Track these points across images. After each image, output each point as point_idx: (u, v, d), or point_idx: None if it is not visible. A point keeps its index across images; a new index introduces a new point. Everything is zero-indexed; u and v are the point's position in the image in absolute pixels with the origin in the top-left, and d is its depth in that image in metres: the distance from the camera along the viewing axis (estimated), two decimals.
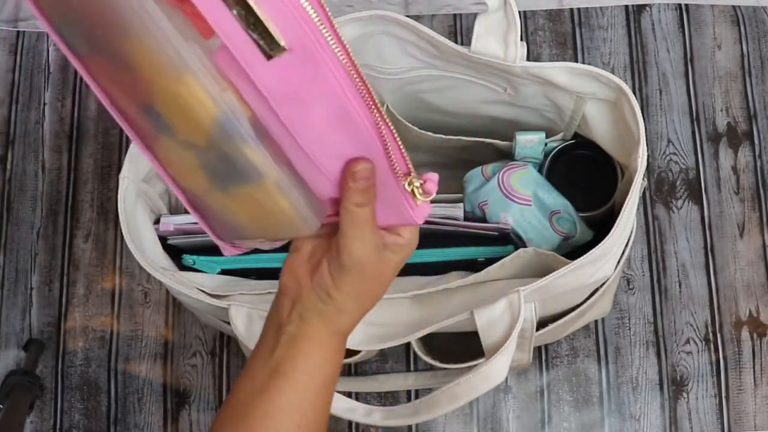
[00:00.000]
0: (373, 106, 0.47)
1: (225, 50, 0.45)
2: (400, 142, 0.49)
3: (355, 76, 0.46)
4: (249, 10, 0.42)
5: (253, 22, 0.43)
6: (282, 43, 0.43)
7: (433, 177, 0.51)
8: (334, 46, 0.44)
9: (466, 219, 0.78)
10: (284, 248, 0.76)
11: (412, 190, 0.50)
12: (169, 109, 0.49)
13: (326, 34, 0.44)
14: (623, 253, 0.72)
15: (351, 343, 0.70)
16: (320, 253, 0.55)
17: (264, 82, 0.46)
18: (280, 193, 0.50)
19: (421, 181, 0.50)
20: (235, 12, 0.43)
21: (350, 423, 0.91)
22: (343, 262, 0.52)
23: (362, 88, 0.46)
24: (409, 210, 0.51)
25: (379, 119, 0.48)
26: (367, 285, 0.54)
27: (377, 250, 0.52)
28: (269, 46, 0.44)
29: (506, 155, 0.83)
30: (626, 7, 1.02)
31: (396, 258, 0.54)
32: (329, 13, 0.44)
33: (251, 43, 0.44)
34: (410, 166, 0.50)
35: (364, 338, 0.71)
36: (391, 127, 0.49)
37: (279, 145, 0.49)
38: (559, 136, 0.81)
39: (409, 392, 0.92)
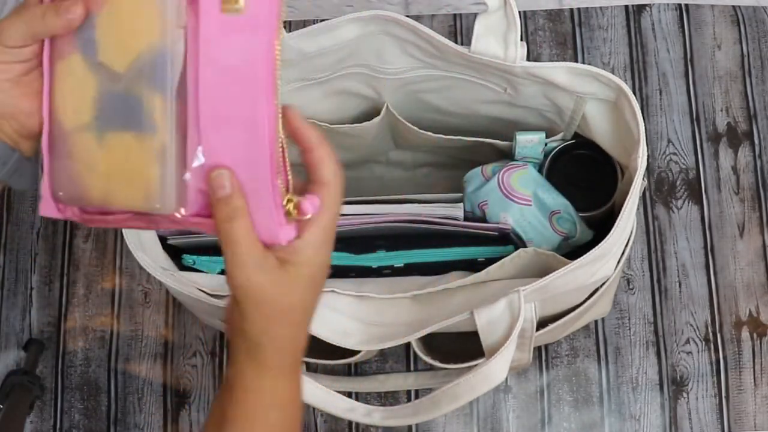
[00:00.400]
0: (278, 110, 0.46)
1: None
2: (287, 156, 0.48)
3: (278, 72, 0.45)
4: None
5: None
6: (241, 3, 0.44)
7: (313, 199, 0.48)
8: (277, 35, 0.44)
9: (466, 219, 0.78)
10: None
11: (288, 210, 0.47)
12: (110, 22, 0.47)
13: (280, 21, 0.45)
14: (623, 253, 0.72)
15: (351, 343, 0.70)
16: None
17: (206, 33, 0.45)
18: (157, 159, 0.46)
19: (298, 199, 0.47)
20: None
21: (350, 423, 0.91)
22: (234, 292, 0.47)
23: (277, 85, 0.45)
24: (277, 227, 0.47)
25: (279, 126, 0.46)
26: (273, 311, 0.48)
27: (264, 270, 0.47)
28: (228, 1, 0.44)
29: (506, 155, 0.83)
30: (626, 7, 1.02)
31: (304, 271, 0.48)
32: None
33: None
34: (291, 183, 0.48)
35: (364, 338, 0.71)
36: (282, 138, 0.47)
37: (185, 112, 0.47)
38: (559, 136, 0.81)
39: (409, 392, 0.92)
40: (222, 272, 0.78)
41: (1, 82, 0.50)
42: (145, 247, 0.72)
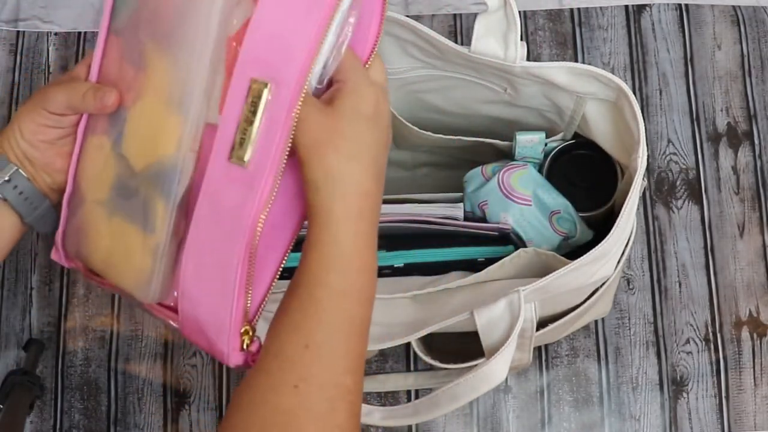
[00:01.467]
0: (249, 265, 0.51)
1: (215, 126, 0.50)
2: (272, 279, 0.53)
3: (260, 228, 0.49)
4: (254, 113, 0.48)
5: (247, 125, 0.48)
6: (246, 159, 0.49)
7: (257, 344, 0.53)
8: (269, 199, 0.49)
9: (466, 219, 0.78)
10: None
11: (243, 342, 0.52)
12: (138, 122, 0.52)
13: (275, 184, 0.49)
14: (623, 253, 0.72)
15: None
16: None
17: (212, 171, 0.50)
18: (151, 255, 0.52)
19: (257, 337, 0.53)
20: (247, 103, 0.48)
21: None
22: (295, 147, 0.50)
23: (254, 241, 0.50)
24: (227, 350, 0.52)
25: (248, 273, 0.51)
26: (324, 146, 0.50)
27: (314, 107, 0.50)
28: (238, 153, 0.49)
29: (506, 155, 0.83)
30: (626, 7, 1.02)
31: (349, 103, 0.51)
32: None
33: (232, 138, 0.49)
34: (258, 314, 0.53)
35: None
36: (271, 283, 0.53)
37: (183, 224, 0.52)
38: (559, 136, 0.81)
39: (409, 392, 0.92)
40: None
41: (40, 142, 0.56)
42: None
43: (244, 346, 0.52)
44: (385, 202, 0.78)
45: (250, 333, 0.52)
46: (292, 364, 0.50)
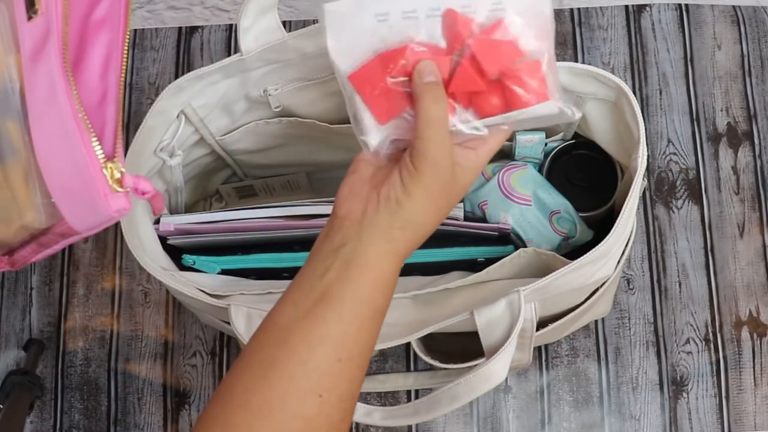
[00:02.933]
0: (71, 83, 0.48)
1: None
2: (117, 124, 0.51)
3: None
4: None
5: None
6: (36, 5, 0.47)
7: (143, 182, 0.50)
8: (63, 26, 0.47)
9: (466, 219, 0.78)
10: (284, 248, 0.77)
11: (111, 175, 0.50)
12: None
13: (64, 7, 0.47)
14: (623, 253, 0.72)
15: None
16: (382, 175, 0.54)
17: (24, 45, 0.48)
18: (25, 181, 0.49)
19: (122, 170, 0.50)
20: None
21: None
22: (419, 164, 0.51)
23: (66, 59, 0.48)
24: (102, 197, 0.50)
25: (74, 94, 0.48)
26: (437, 194, 0.52)
27: (451, 154, 0.52)
28: (32, 8, 0.47)
29: (506, 155, 0.83)
30: (626, 7, 1.02)
31: (466, 178, 0.54)
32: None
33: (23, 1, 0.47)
34: (119, 151, 0.50)
35: None
36: (115, 108, 0.51)
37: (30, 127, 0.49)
38: (559, 136, 0.81)
39: (409, 392, 0.92)
40: (222, 272, 0.78)
41: None
42: (145, 247, 0.72)
43: (110, 182, 0.50)
44: None
45: (112, 169, 0.50)
46: (321, 374, 0.50)
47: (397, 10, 0.53)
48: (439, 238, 0.76)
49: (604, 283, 0.74)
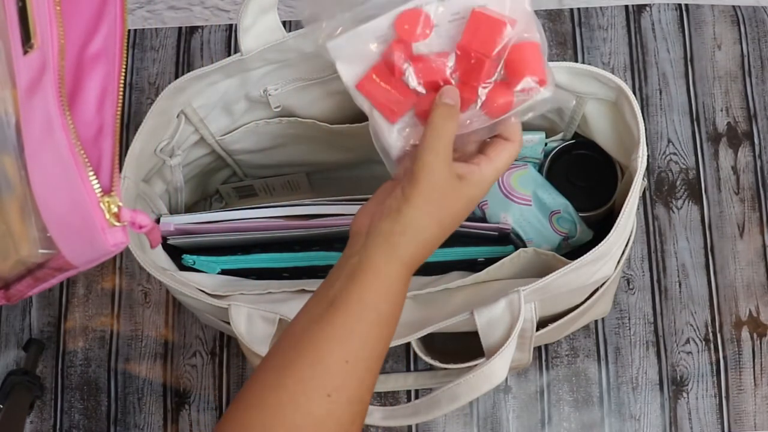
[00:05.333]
0: (68, 116, 0.48)
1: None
2: (114, 157, 0.50)
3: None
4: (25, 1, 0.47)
5: (24, 14, 0.47)
6: (32, 39, 0.47)
7: (140, 216, 0.50)
8: (59, 59, 0.47)
9: (466, 219, 0.78)
10: (284, 248, 0.77)
11: (108, 209, 0.49)
12: None
13: (60, 41, 0.47)
14: (623, 253, 0.72)
15: None
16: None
17: (21, 79, 0.48)
18: (21, 215, 0.50)
19: (119, 204, 0.49)
20: (19, 3, 0.47)
21: None
22: (415, 170, 0.54)
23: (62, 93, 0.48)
24: (99, 231, 0.49)
25: (71, 128, 0.48)
26: (436, 201, 0.55)
27: (449, 165, 0.55)
28: (28, 42, 0.47)
29: None
30: (626, 7, 1.02)
31: (470, 192, 0.56)
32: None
33: (18, 31, 0.47)
34: (116, 185, 0.49)
35: None
36: (113, 146, 0.50)
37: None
38: (559, 136, 0.81)
39: (409, 392, 0.92)
40: (222, 272, 0.78)
41: None
42: (145, 247, 0.72)
43: (108, 217, 0.49)
44: None
45: (109, 203, 0.49)
46: (330, 374, 0.52)
47: (392, 29, 0.57)
48: None
49: (604, 283, 0.74)
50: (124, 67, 0.52)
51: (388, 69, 0.58)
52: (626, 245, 0.72)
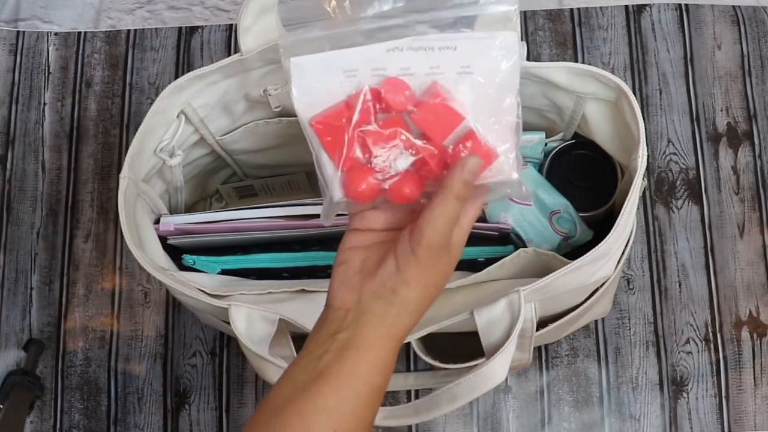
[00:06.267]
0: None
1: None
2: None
3: None
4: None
5: None
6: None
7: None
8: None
9: None
10: (284, 248, 0.77)
11: None
12: None
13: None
14: (623, 253, 0.72)
15: None
16: (372, 262, 0.54)
17: None
18: None
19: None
20: None
21: None
22: (420, 251, 0.51)
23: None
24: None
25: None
26: (435, 277, 0.52)
27: (448, 243, 0.52)
28: None
29: None
30: (626, 7, 1.02)
31: (457, 253, 0.54)
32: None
33: None
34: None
35: None
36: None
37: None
38: (559, 136, 0.81)
39: (409, 392, 0.92)
40: (222, 272, 0.78)
41: None
42: (145, 247, 0.72)
43: None
44: None
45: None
46: None
47: (365, 66, 0.53)
48: None
49: (604, 283, 0.74)
50: None
51: (350, 110, 0.53)
52: (626, 245, 0.72)
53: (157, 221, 0.77)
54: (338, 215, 0.56)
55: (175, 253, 0.77)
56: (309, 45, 0.54)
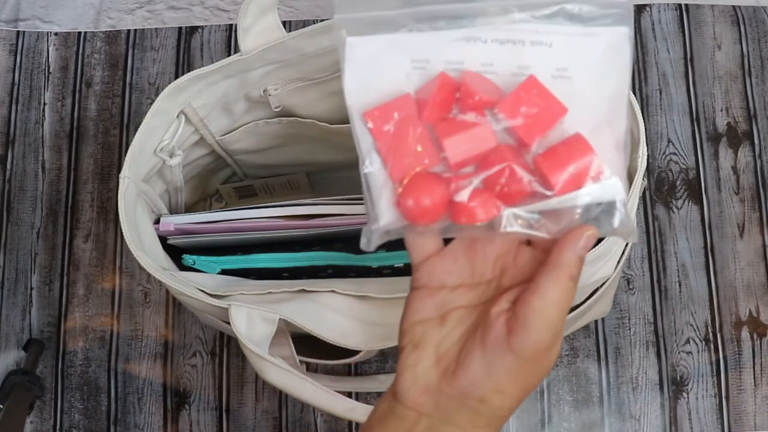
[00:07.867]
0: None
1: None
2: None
3: None
4: None
5: None
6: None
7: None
8: None
9: None
10: (285, 248, 0.77)
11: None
12: None
13: None
14: (623, 253, 0.72)
15: (351, 343, 0.70)
16: (453, 353, 0.44)
17: None
18: None
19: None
20: None
21: (350, 423, 0.91)
22: (531, 338, 0.41)
23: None
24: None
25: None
26: (535, 377, 0.43)
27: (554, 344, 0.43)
28: None
29: None
30: None
31: (554, 355, 0.44)
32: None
33: None
34: None
35: (364, 338, 0.71)
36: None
37: None
38: None
39: None
40: (222, 272, 0.78)
41: None
42: (145, 247, 0.72)
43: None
44: None
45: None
46: None
47: (438, 57, 0.44)
48: None
49: (604, 283, 0.74)
50: None
51: (415, 112, 0.44)
52: (626, 245, 0.72)
53: (157, 221, 0.77)
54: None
55: (175, 253, 0.77)
56: (371, 25, 0.44)
